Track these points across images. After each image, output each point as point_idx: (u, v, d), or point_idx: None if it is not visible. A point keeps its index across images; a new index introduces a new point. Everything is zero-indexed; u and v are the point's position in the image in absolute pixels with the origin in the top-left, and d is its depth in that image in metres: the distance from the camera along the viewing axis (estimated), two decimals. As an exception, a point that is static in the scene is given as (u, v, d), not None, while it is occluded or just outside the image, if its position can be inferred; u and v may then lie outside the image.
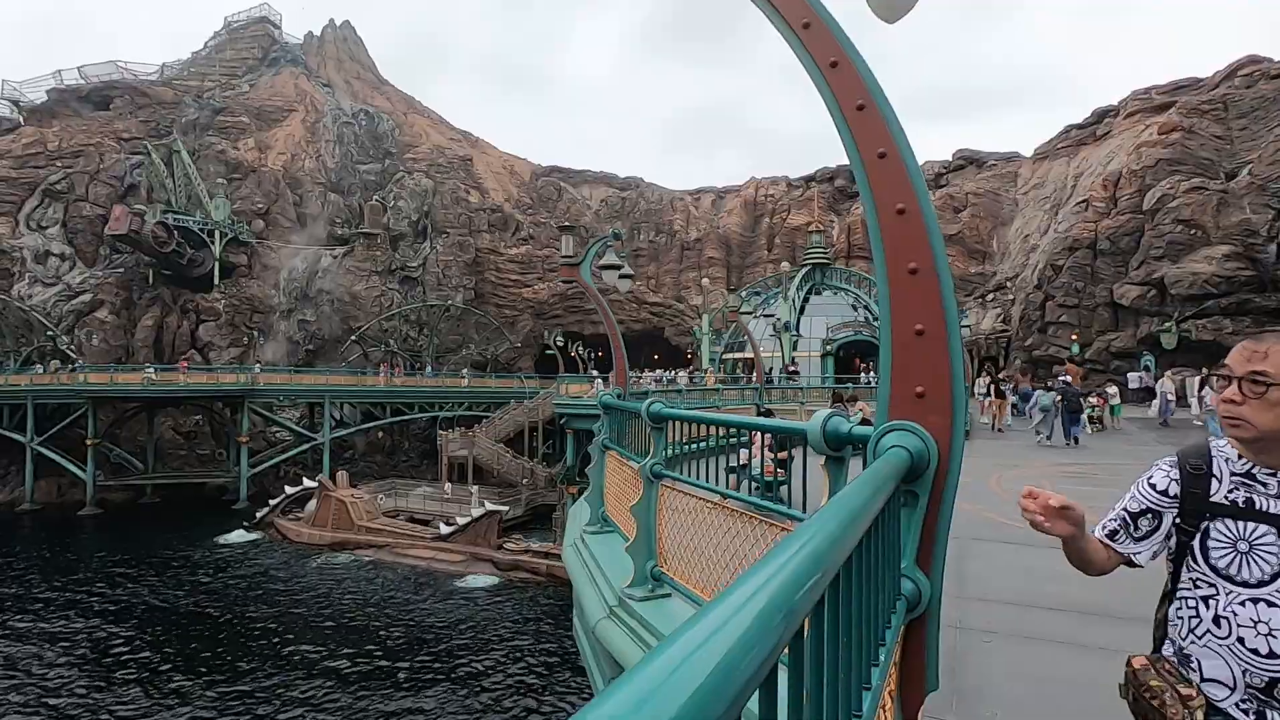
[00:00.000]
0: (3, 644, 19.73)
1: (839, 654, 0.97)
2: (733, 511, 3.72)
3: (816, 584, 0.76)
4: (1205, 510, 1.51)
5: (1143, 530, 1.61)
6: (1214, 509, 1.50)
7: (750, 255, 57.47)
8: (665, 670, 0.46)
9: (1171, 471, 1.59)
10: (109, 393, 38.44)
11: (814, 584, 0.75)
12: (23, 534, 34.21)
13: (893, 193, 2.05)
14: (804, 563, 0.76)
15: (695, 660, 0.48)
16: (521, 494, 35.25)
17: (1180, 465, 1.58)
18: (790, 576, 0.70)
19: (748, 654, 0.52)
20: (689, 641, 0.51)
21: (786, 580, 0.69)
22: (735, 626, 0.54)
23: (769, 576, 0.68)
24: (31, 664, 18.38)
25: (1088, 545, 1.66)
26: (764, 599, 0.62)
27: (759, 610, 0.59)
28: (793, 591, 0.67)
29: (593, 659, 5.30)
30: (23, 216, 50.64)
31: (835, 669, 0.94)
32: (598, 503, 6.51)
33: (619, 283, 9.79)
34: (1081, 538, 1.65)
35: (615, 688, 0.43)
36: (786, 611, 0.63)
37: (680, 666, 0.46)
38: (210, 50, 71.47)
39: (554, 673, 17.95)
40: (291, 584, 25.50)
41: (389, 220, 55.15)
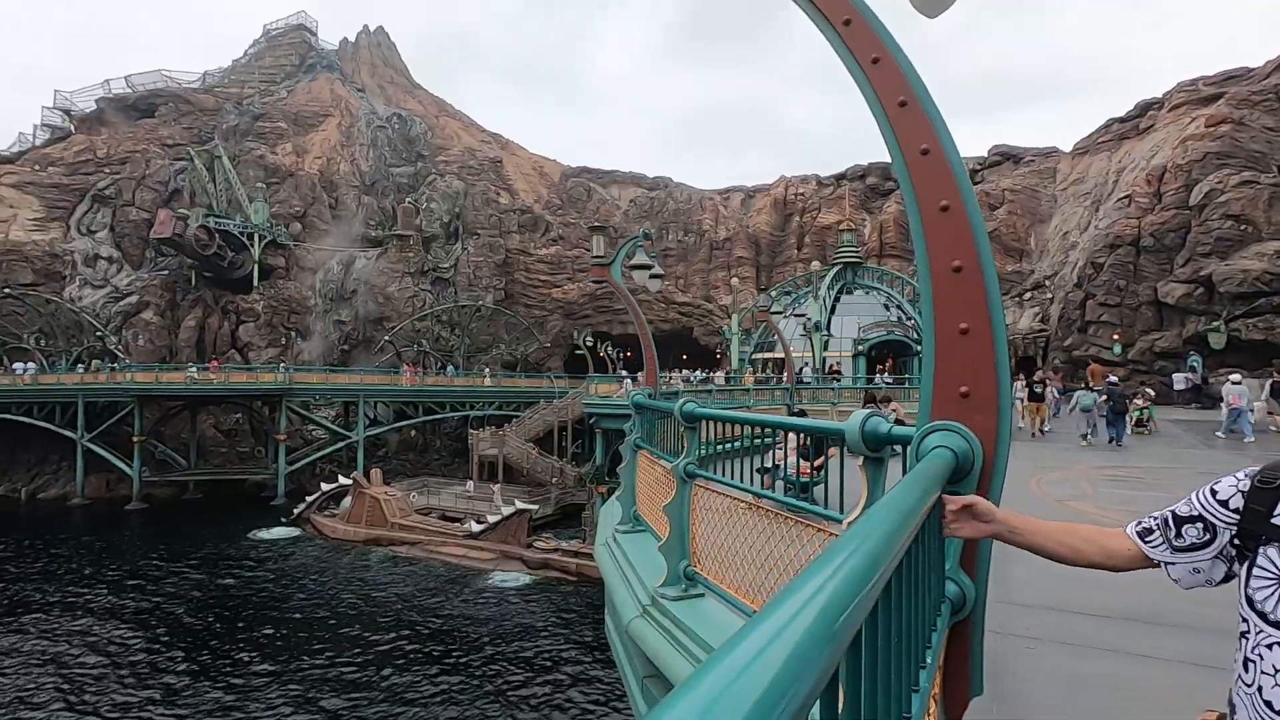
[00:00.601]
0: (52, 633, 20.50)
1: (890, 657, 0.96)
2: (767, 512, 3.70)
3: (874, 587, 0.75)
4: (1261, 532, 1.28)
5: (1187, 540, 1.37)
6: (1271, 531, 1.27)
7: (780, 254, 57.03)
8: (728, 677, 0.44)
9: (1242, 482, 1.35)
10: (154, 391, 39.69)
11: (871, 587, 0.73)
12: (74, 527, 35.50)
13: (936, 189, 2.02)
14: (861, 565, 0.74)
15: (758, 667, 0.45)
16: (551, 493, 35.49)
17: (1257, 476, 1.34)
18: (849, 579, 0.69)
19: (811, 659, 0.50)
20: (750, 648, 0.49)
21: (846, 582, 0.68)
22: (796, 631, 0.52)
23: (827, 579, 0.67)
24: (77, 653, 19.06)
25: (1048, 537, 1.48)
26: (824, 601, 0.60)
27: (821, 613, 0.58)
28: (852, 595, 0.66)
29: (625, 657, 5.31)
30: (73, 221, 52.57)
31: (887, 671, 0.93)
32: (629, 502, 6.53)
33: (649, 282, 9.80)
34: (1016, 531, 1.50)
35: (677, 697, 0.41)
36: (846, 615, 0.62)
37: (743, 674, 0.44)
38: (250, 58, 73.34)
39: (584, 671, 18.02)
40: (327, 579, 26.03)
41: (421, 222, 55.98)
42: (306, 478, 41.21)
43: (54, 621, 21.49)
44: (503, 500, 33.03)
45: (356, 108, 66.27)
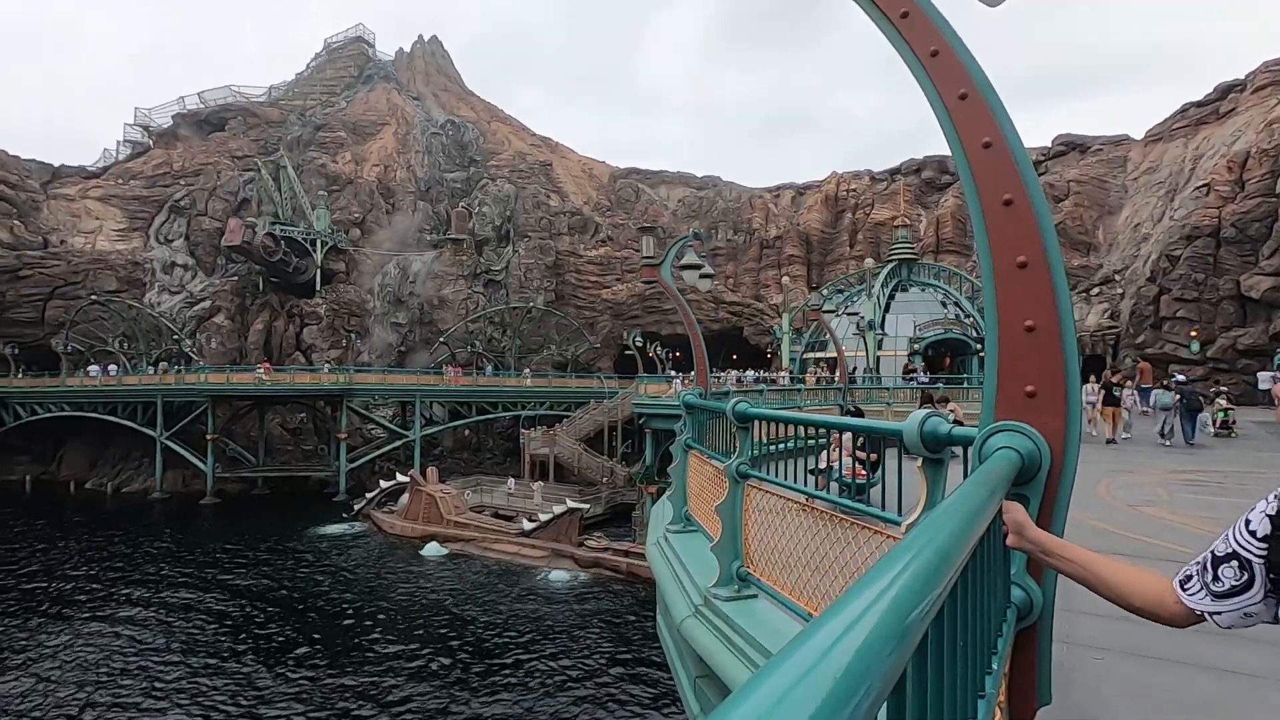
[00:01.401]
0: (132, 620, 21.77)
1: (955, 660, 0.95)
2: (821, 513, 3.66)
3: (941, 588, 0.74)
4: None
5: (1225, 584, 1.14)
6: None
7: (832, 252, 56.05)
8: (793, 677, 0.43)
9: (1270, 504, 1.14)
10: (225, 391, 41.72)
11: (939, 588, 0.72)
12: (154, 519, 37.62)
13: (999, 183, 1.96)
14: (929, 566, 0.73)
15: (825, 667, 0.44)
16: (601, 492, 35.75)
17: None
18: (917, 578, 0.68)
19: (879, 659, 0.49)
20: (816, 647, 0.48)
21: (914, 581, 0.66)
22: (863, 631, 0.51)
23: (894, 578, 0.66)
24: (153, 639, 20.18)
25: (1089, 568, 1.28)
26: (891, 601, 0.59)
27: (888, 613, 0.56)
28: (920, 595, 0.65)
29: (677, 656, 5.32)
30: (152, 231, 55.73)
31: (954, 675, 0.92)
32: (681, 502, 6.53)
33: (699, 283, 9.78)
34: (1049, 554, 1.32)
35: (741, 697, 0.40)
36: (914, 616, 0.61)
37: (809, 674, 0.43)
38: (312, 70, 76.32)
39: (634, 669, 18.10)
40: (385, 573, 26.86)
41: (474, 226, 57.19)
42: (366, 475, 42.61)
43: (135, 608, 22.80)
44: (543, 498, 33.68)
45: (412, 116, 68.17)
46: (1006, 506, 1.41)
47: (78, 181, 60.00)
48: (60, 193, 57.31)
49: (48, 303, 49.36)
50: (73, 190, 58.13)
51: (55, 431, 47.44)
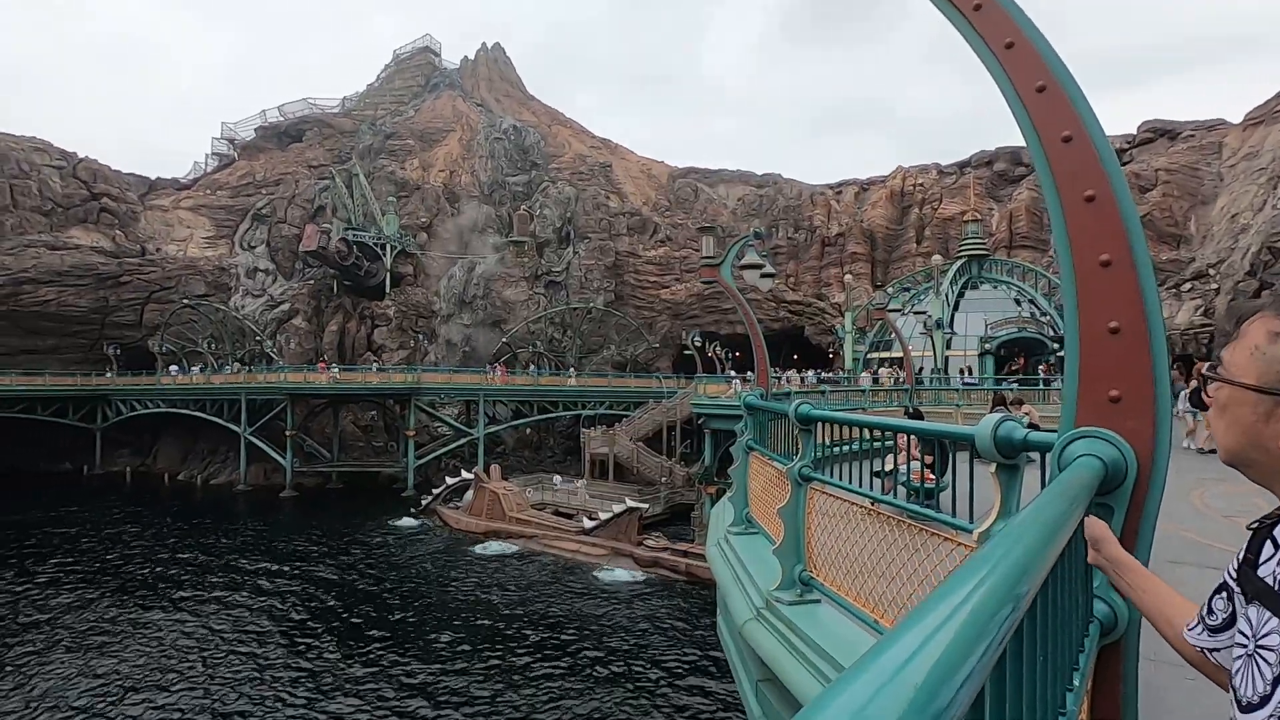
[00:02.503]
0: (216, 603, 23.13)
1: (1035, 674, 0.92)
2: (888, 518, 3.58)
3: (1023, 601, 0.71)
4: (1248, 589, 1.00)
5: (1218, 616, 1.08)
6: (1252, 586, 0.99)
7: (897, 249, 54.44)
8: (870, 689, 0.41)
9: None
10: (303, 390, 43.83)
11: (1021, 601, 0.70)
12: (238, 510, 39.89)
13: (1080, 179, 1.87)
14: (1009, 578, 0.70)
15: (901, 682, 0.43)
16: (660, 492, 35.81)
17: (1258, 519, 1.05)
18: (996, 592, 0.65)
19: (956, 675, 0.47)
20: (892, 660, 0.46)
21: (992, 595, 0.64)
22: (940, 645, 0.49)
23: (971, 591, 0.64)
24: (232, 625, 21.38)
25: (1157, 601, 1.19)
26: (971, 614, 0.57)
27: (968, 626, 0.54)
28: (1000, 609, 0.63)
29: (738, 658, 5.29)
30: (237, 238, 59.07)
31: (1034, 691, 0.89)
32: (742, 503, 6.49)
33: (760, 282, 9.67)
34: (1120, 574, 1.22)
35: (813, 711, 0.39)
36: (995, 631, 0.59)
37: (886, 686, 0.42)
38: (382, 81, 79.30)
39: (693, 670, 18.05)
40: (449, 567, 27.65)
41: (535, 228, 58.21)
42: (433, 471, 43.97)
43: (220, 593, 24.23)
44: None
45: (476, 122, 69.93)
46: (1086, 522, 1.36)
47: (171, 193, 64.20)
48: (156, 204, 61.45)
49: (145, 306, 53.00)
50: (167, 201, 62.23)
51: (152, 427, 50.88)
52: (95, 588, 24.83)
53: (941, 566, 3.02)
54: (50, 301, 49.97)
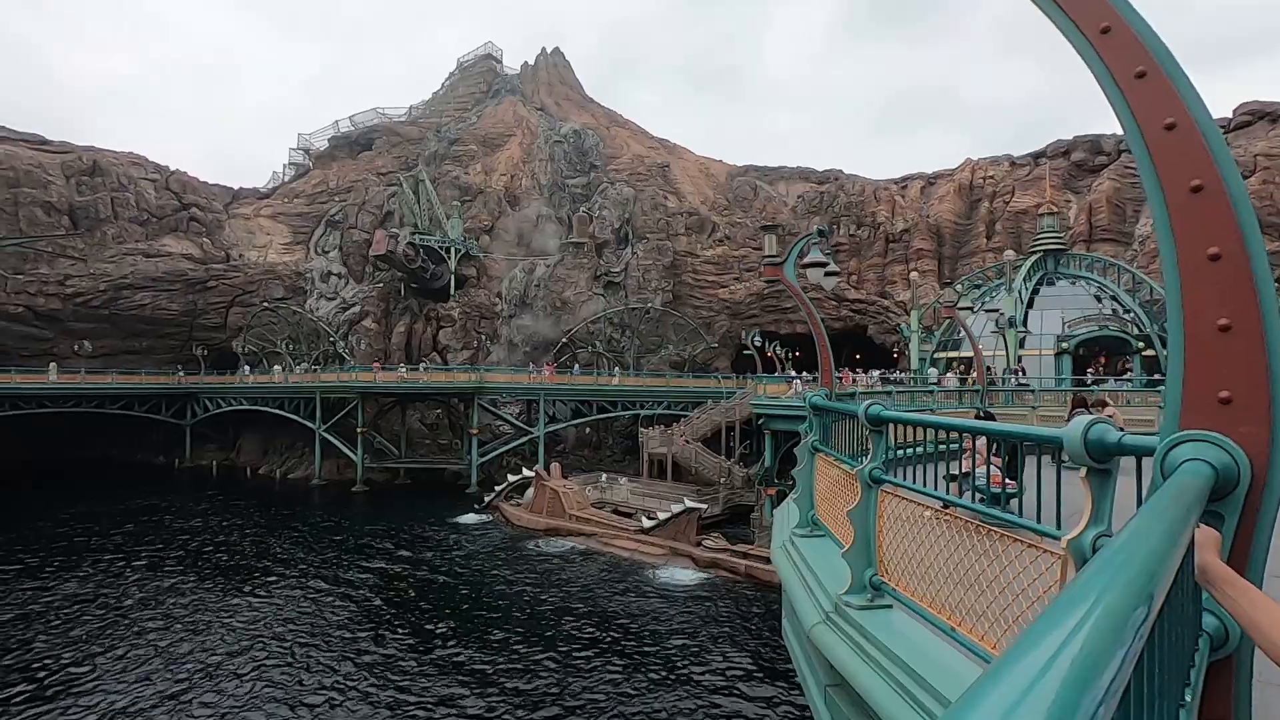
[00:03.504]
0: (292, 591, 24.29)
1: (1144, 689, 0.88)
2: (966, 524, 3.46)
3: (1143, 618, 0.69)
4: None
5: None
6: None
7: (966, 245, 52.49)
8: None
9: None
10: (373, 388, 45.59)
11: (1142, 618, 0.67)
12: (313, 503, 41.80)
13: (1186, 168, 1.77)
14: (1128, 594, 0.68)
15: (1025, 710, 0.41)
16: (719, 493, 35.60)
17: None
18: (1115, 611, 0.63)
19: (1078, 701, 0.45)
20: (1012, 687, 0.44)
21: (1110, 615, 0.62)
22: (1061, 671, 0.48)
23: (1089, 609, 0.61)
24: (305, 614, 22.39)
25: (1246, 605, 1.14)
26: (1091, 633, 0.55)
27: (1089, 647, 0.52)
28: (1120, 628, 0.61)
29: (805, 663, 5.22)
30: (312, 244, 61.92)
31: (1143, 708, 0.86)
32: (807, 505, 6.39)
33: (824, 280, 9.50)
34: (1220, 589, 1.16)
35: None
36: (1116, 652, 0.57)
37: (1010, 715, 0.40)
38: (446, 89, 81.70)
39: (755, 673, 17.88)
40: (511, 563, 28.22)
41: (594, 229, 58.78)
42: (495, 468, 44.98)
43: (296, 582, 25.45)
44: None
45: (536, 126, 71.16)
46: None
47: (252, 202, 67.86)
48: (238, 212, 65.06)
49: (229, 310, 56.21)
50: (248, 210, 65.81)
51: (235, 423, 53.90)
52: (187, 572, 26.50)
53: (1025, 574, 2.90)
54: (146, 306, 53.60)
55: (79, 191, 54.35)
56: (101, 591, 24.07)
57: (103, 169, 55.99)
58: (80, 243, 52.79)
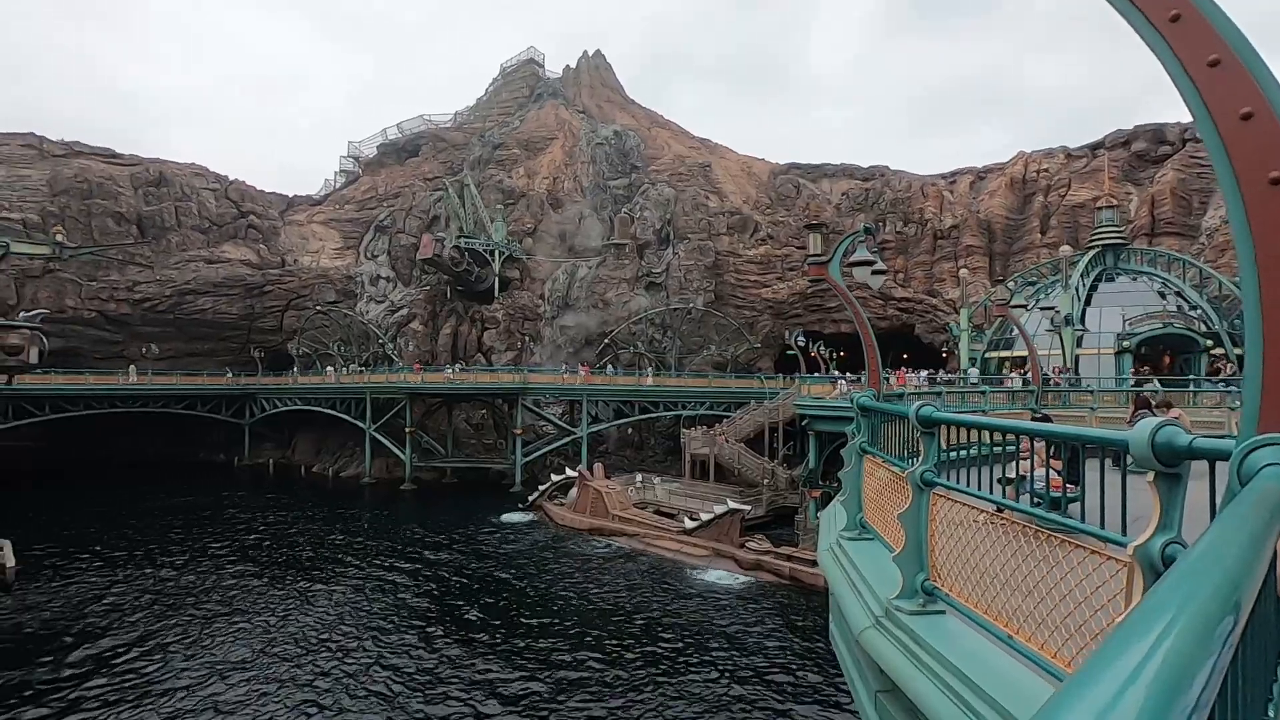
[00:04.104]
0: (342, 584, 25.01)
1: (1228, 702, 0.85)
2: (1022, 527, 3.37)
3: (1230, 634, 0.67)
4: None
5: None
6: None
7: (1018, 240, 50.85)
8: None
9: None
10: (420, 389, 46.64)
11: (1229, 635, 0.66)
12: (364, 501, 43.00)
13: (1263, 160, 1.69)
14: (1215, 608, 0.67)
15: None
16: (763, 494, 35.28)
17: None
18: (1201, 623, 0.62)
19: (1175, 704, 0.45)
20: (1093, 706, 0.43)
21: (1196, 630, 0.60)
22: (1144, 686, 0.47)
23: (1178, 612, 0.61)
24: (355, 606, 23.01)
25: None
26: (1181, 643, 0.54)
27: (1173, 660, 0.51)
28: (1206, 642, 0.59)
29: (854, 667, 5.14)
30: (362, 249, 63.66)
31: (1240, 708, 0.83)
32: (855, 508, 6.30)
33: (870, 279, 9.33)
34: None
35: None
36: (1203, 667, 0.56)
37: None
38: (489, 94, 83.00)
39: (801, 677, 17.66)
40: (554, 561, 28.49)
41: (636, 230, 58.91)
42: (539, 468, 45.50)
43: (347, 575, 26.20)
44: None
45: (578, 129, 71.70)
46: None
47: (305, 208, 70.17)
48: (293, 219, 67.34)
49: (284, 313, 58.24)
50: (302, 216, 68.06)
51: (291, 423, 55.80)
52: (249, 565, 27.57)
53: (1088, 581, 2.81)
54: (207, 310, 55.95)
55: (146, 201, 57.07)
56: (170, 581, 25.24)
57: (168, 179, 58.66)
58: (147, 250, 55.41)
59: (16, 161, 55.52)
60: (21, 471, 44.28)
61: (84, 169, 55.68)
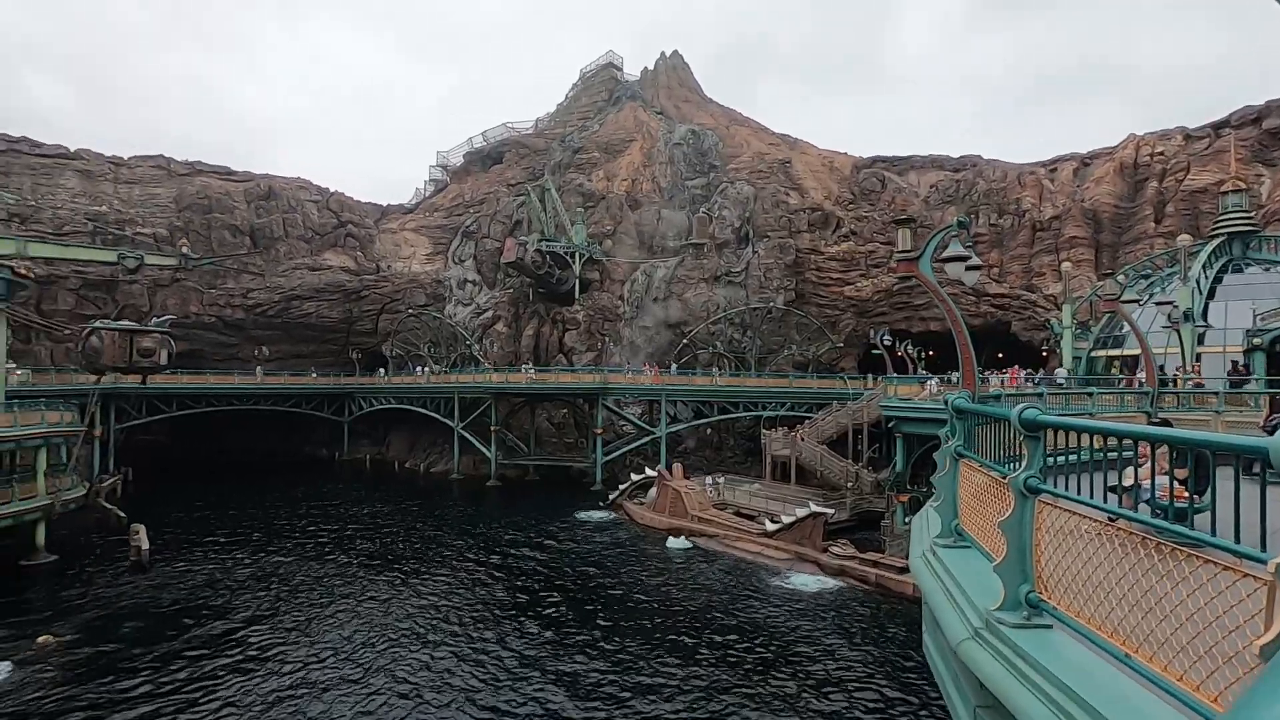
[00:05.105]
0: (431, 576, 26.09)
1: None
2: (1144, 539, 3.14)
3: None
4: None
5: None
6: None
7: (1129, 230, 47.22)
8: None
9: None
10: (504, 389, 48.14)
11: None
12: (453, 496, 44.79)
13: None
14: None
15: None
16: (846, 498, 34.34)
17: None
18: None
19: None
20: None
21: None
22: None
23: None
24: (441, 598, 23.92)
25: None
26: None
27: None
28: None
29: (950, 681, 4.94)
30: (450, 254, 66.32)
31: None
32: (950, 514, 6.04)
33: (965, 275, 8.91)
34: None
35: None
36: None
37: None
38: (569, 100, 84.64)
39: (891, 687, 17.06)
40: (635, 560, 28.71)
41: (714, 229, 58.59)
42: (618, 467, 46.01)
43: (435, 569, 27.33)
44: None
45: (656, 130, 72.02)
46: None
47: (398, 217, 73.82)
48: (387, 227, 71.00)
49: (379, 317, 61.46)
50: (395, 224, 71.65)
51: (385, 420, 58.84)
52: (349, 553, 29.28)
53: (1220, 600, 2.59)
54: (311, 314, 59.79)
55: (257, 214, 61.62)
56: (281, 566, 27.16)
57: (276, 193, 63.11)
58: (259, 259, 59.81)
59: (148, 181, 61.18)
60: (152, 464, 48.67)
61: (205, 186, 60.70)
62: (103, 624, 20.89)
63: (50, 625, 20.45)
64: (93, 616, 21.66)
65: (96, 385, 35.12)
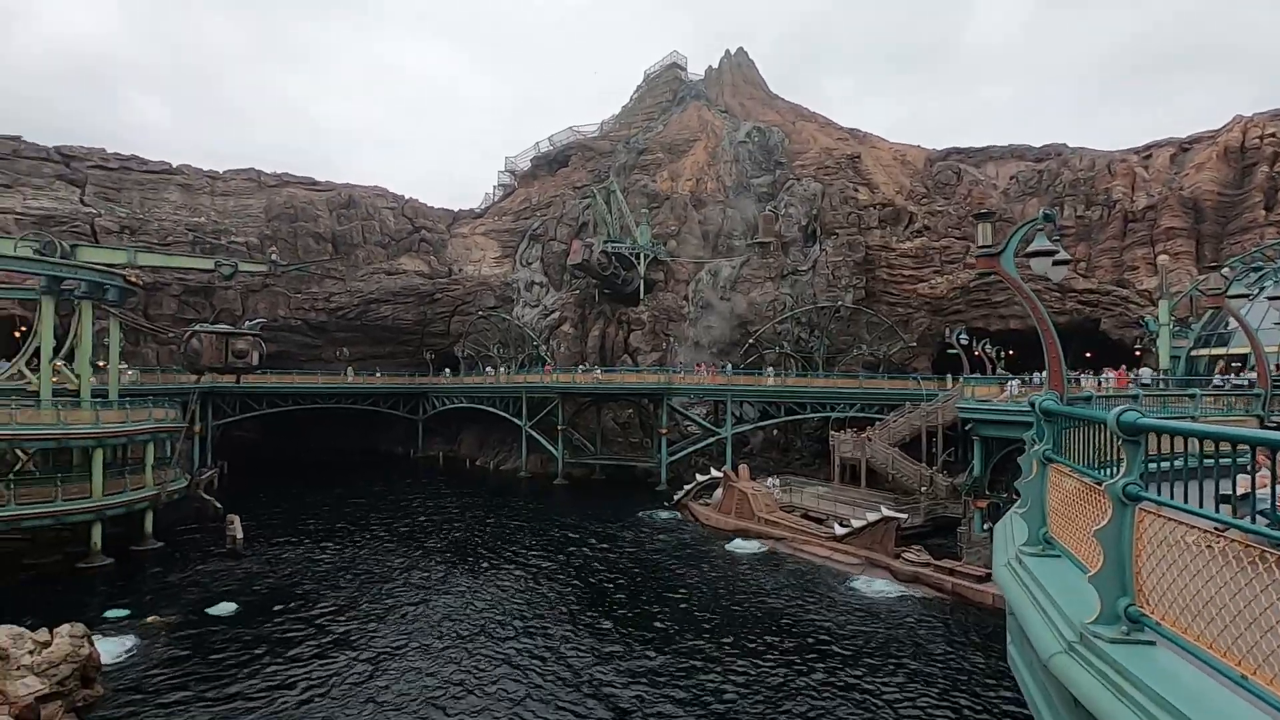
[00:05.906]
0: (499, 572, 26.71)
1: None
2: (1265, 553, 2.90)
3: None
4: None
5: None
6: None
7: (1234, 220, 43.74)
8: None
9: None
10: (571, 389, 48.84)
11: None
12: (521, 493, 45.78)
13: None
14: None
15: None
16: (920, 502, 33.17)
17: None
18: None
19: None
20: None
21: None
22: None
23: None
24: (505, 593, 24.42)
25: None
26: None
27: None
28: None
29: (1039, 695, 4.71)
30: (518, 257, 67.79)
31: None
32: (1037, 521, 5.75)
33: (1051, 271, 8.45)
34: None
35: None
36: None
37: None
38: (634, 101, 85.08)
39: (974, 702, 16.38)
40: (701, 561, 28.56)
41: (780, 227, 57.69)
42: (683, 468, 45.92)
43: (504, 565, 27.97)
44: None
45: (720, 129, 71.51)
46: None
47: (468, 221, 75.99)
48: (458, 231, 73.21)
49: (451, 319, 63.47)
50: (465, 229, 73.80)
51: (457, 419, 60.71)
52: (425, 547, 30.40)
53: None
54: (387, 316, 62.33)
55: (339, 222, 64.72)
56: (362, 557, 28.44)
57: (355, 201, 66.12)
58: (340, 265, 62.80)
59: (241, 193, 65.16)
60: (244, 459, 51.81)
61: (291, 196, 64.17)
62: (203, 605, 22.45)
63: (158, 606, 22.11)
64: (195, 598, 23.30)
65: (196, 384, 37.84)
